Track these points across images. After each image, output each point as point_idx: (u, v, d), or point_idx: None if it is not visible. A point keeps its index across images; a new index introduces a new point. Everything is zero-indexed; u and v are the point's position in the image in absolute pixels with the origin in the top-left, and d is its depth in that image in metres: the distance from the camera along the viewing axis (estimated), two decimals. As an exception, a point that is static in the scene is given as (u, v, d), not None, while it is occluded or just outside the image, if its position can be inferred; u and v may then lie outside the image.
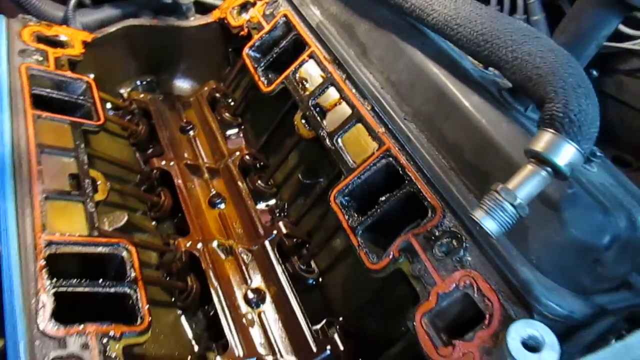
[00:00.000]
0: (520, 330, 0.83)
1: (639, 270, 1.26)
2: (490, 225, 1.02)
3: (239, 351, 1.42)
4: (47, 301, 1.18)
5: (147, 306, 1.31)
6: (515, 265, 1.14)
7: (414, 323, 1.20)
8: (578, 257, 1.10)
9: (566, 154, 1.00)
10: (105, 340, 1.18)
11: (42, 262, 1.25)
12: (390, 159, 1.44)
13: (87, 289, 1.27)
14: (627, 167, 2.44)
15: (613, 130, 2.49)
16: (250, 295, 1.55)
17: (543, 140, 1.02)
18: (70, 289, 1.24)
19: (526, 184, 1.02)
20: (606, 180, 1.23)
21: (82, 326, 1.17)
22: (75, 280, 1.27)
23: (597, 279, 1.13)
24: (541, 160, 1.02)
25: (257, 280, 1.61)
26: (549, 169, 1.02)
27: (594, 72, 2.46)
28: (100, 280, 1.31)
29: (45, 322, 1.14)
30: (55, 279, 1.23)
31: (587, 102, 1.01)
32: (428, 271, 1.25)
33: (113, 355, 1.16)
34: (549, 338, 0.82)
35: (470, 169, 1.28)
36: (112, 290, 1.31)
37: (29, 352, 1.09)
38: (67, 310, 1.20)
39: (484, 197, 1.04)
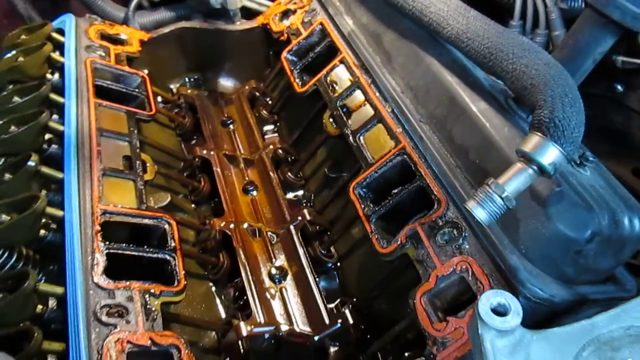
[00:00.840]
0: (490, 298, 0.97)
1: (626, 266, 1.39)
2: (480, 214, 1.17)
3: (260, 319, 1.60)
4: (100, 259, 1.40)
5: (183, 272, 1.51)
6: (505, 253, 1.28)
7: (414, 301, 1.37)
8: (561, 248, 1.23)
9: (550, 155, 1.14)
10: (146, 296, 1.38)
11: (98, 227, 1.47)
12: (405, 156, 1.60)
13: (134, 253, 1.48)
14: (646, 179, 2.51)
15: (634, 143, 2.56)
16: (274, 272, 1.74)
17: (531, 142, 1.16)
18: (120, 251, 1.46)
19: (514, 179, 1.16)
20: (597, 182, 1.35)
21: (128, 282, 1.38)
22: (125, 244, 1.49)
23: (579, 269, 1.26)
24: (528, 159, 1.16)
25: (280, 260, 1.79)
26: (535, 167, 1.16)
27: (619, 87, 2.53)
28: (145, 246, 1.52)
29: (99, 276, 1.36)
30: (108, 242, 1.45)
31: (572, 110, 1.14)
32: (430, 256, 1.40)
33: (153, 309, 1.36)
34: (515, 305, 0.96)
35: (473, 167, 1.43)
36: (155, 256, 1.52)
37: (84, 299, 1.30)
38: (116, 269, 1.42)
39: (477, 190, 1.19)
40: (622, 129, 2.65)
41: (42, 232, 1.46)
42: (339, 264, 1.83)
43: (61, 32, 2.10)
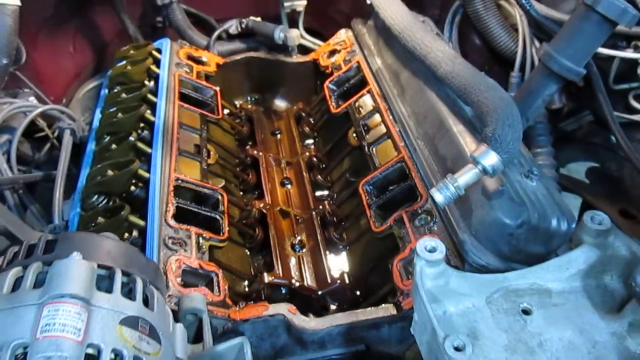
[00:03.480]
0: (426, 241, 1.42)
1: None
2: (437, 197, 1.63)
3: (280, 273, 2.09)
4: (171, 208, 1.94)
5: (227, 228, 2.03)
6: (460, 233, 1.73)
7: (391, 265, 1.84)
8: (498, 230, 1.66)
9: (490, 160, 1.59)
10: (200, 238, 1.90)
11: (172, 188, 2.02)
12: (403, 163, 2.09)
13: (194, 209, 2.03)
14: (632, 219, 2.86)
15: (625, 187, 2.93)
16: (295, 243, 2.24)
17: (479, 150, 1.62)
18: (185, 206, 2.00)
19: (465, 175, 1.62)
20: (539, 190, 1.77)
21: (188, 226, 1.91)
22: (189, 202, 2.04)
23: (512, 249, 1.68)
24: (476, 162, 1.62)
25: (301, 236, 2.29)
26: (480, 167, 1.61)
27: (613, 138, 2.92)
28: (202, 207, 2.07)
29: (169, 218, 1.90)
30: (178, 199, 2.01)
31: (509, 129, 1.59)
32: (408, 234, 1.87)
33: (203, 247, 1.89)
34: (441, 247, 1.40)
35: (448, 172, 1.89)
36: (209, 214, 2.05)
37: (158, 231, 1.84)
38: (181, 217, 1.96)
39: (439, 181, 1.67)
40: (615, 175, 3.03)
41: (132, 187, 2.04)
42: (347, 247, 2.31)
43: (159, 51, 2.75)
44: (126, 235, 1.86)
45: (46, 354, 0.96)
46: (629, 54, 2.47)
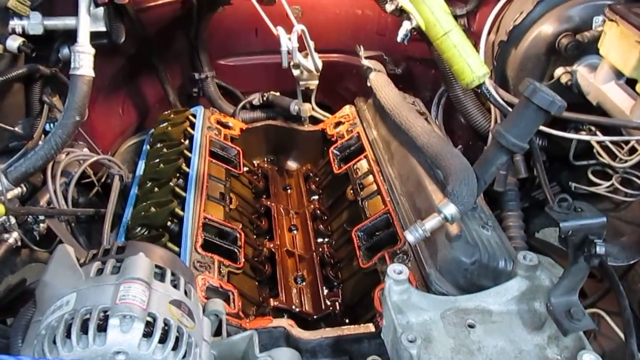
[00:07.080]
0: (395, 266, 1.88)
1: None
2: (409, 237, 2.09)
3: (283, 300, 2.53)
4: (200, 240, 2.42)
5: (243, 260, 2.50)
6: (427, 268, 2.18)
7: (373, 294, 2.28)
8: (456, 266, 2.11)
9: (449, 210, 2.06)
10: (221, 264, 2.38)
11: (201, 224, 2.52)
12: (388, 214, 2.58)
13: (217, 242, 2.51)
14: (593, 279, 3.26)
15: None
16: (297, 277, 2.69)
17: (442, 202, 2.11)
18: (210, 239, 2.49)
19: (431, 221, 2.09)
20: (492, 238, 2.23)
21: (212, 255, 2.39)
22: (213, 236, 2.52)
23: (467, 282, 2.12)
24: (439, 211, 2.10)
25: (303, 272, 2.74)
26: (442, 215, 2.09)
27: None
28: (224, 241, 2.55)
29: (198, 247, 2.37)
30: (205, 233, 2.49)
31: (465, 187, 2.06)
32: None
33: (223, 271, 2.35)
34: (405, 270, 1.85)
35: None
36: (229, 247, 2.53)
37: (190, 256, 2.32)
38: (208, 247, 2.44)
39: (410, 225, 2.14)
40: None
41: (169, 223, 2.53)
42: (341, 285, 2.75)
43: (194, 116, 3.32)
44: (163, 258, 2.33)
45: (123, 313, 1.42)
46: (583, 136, 2.96)
